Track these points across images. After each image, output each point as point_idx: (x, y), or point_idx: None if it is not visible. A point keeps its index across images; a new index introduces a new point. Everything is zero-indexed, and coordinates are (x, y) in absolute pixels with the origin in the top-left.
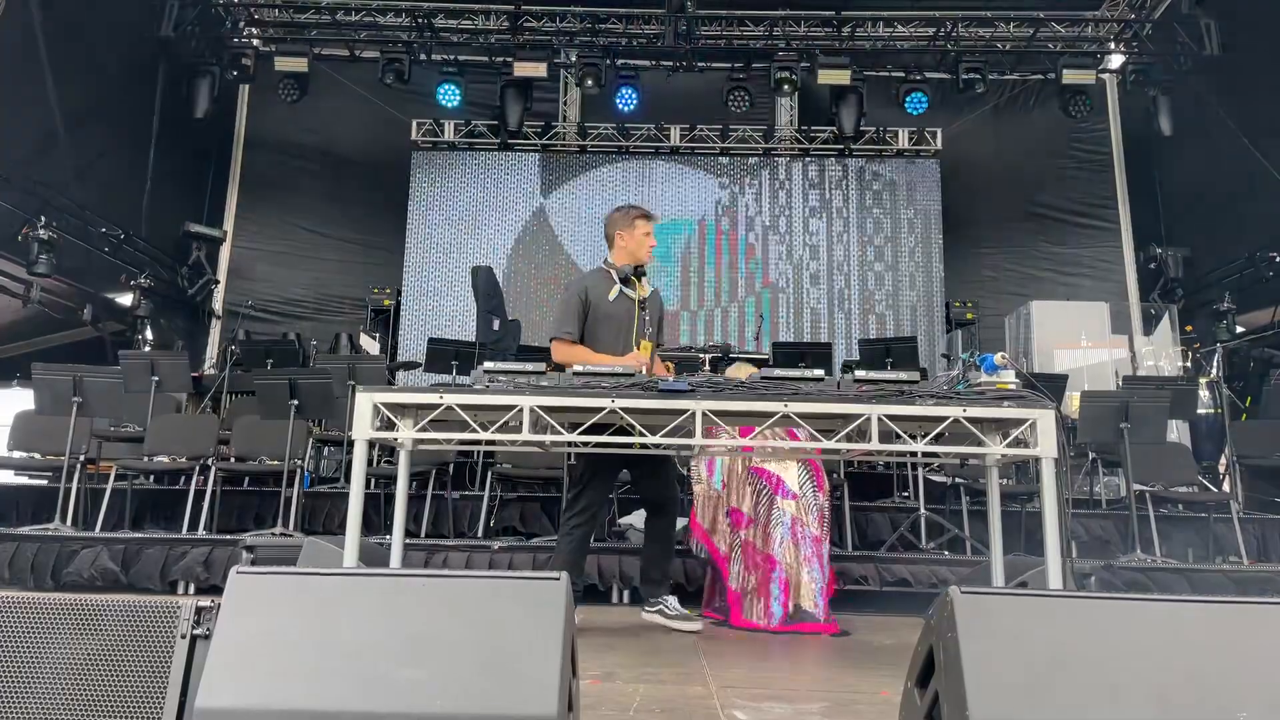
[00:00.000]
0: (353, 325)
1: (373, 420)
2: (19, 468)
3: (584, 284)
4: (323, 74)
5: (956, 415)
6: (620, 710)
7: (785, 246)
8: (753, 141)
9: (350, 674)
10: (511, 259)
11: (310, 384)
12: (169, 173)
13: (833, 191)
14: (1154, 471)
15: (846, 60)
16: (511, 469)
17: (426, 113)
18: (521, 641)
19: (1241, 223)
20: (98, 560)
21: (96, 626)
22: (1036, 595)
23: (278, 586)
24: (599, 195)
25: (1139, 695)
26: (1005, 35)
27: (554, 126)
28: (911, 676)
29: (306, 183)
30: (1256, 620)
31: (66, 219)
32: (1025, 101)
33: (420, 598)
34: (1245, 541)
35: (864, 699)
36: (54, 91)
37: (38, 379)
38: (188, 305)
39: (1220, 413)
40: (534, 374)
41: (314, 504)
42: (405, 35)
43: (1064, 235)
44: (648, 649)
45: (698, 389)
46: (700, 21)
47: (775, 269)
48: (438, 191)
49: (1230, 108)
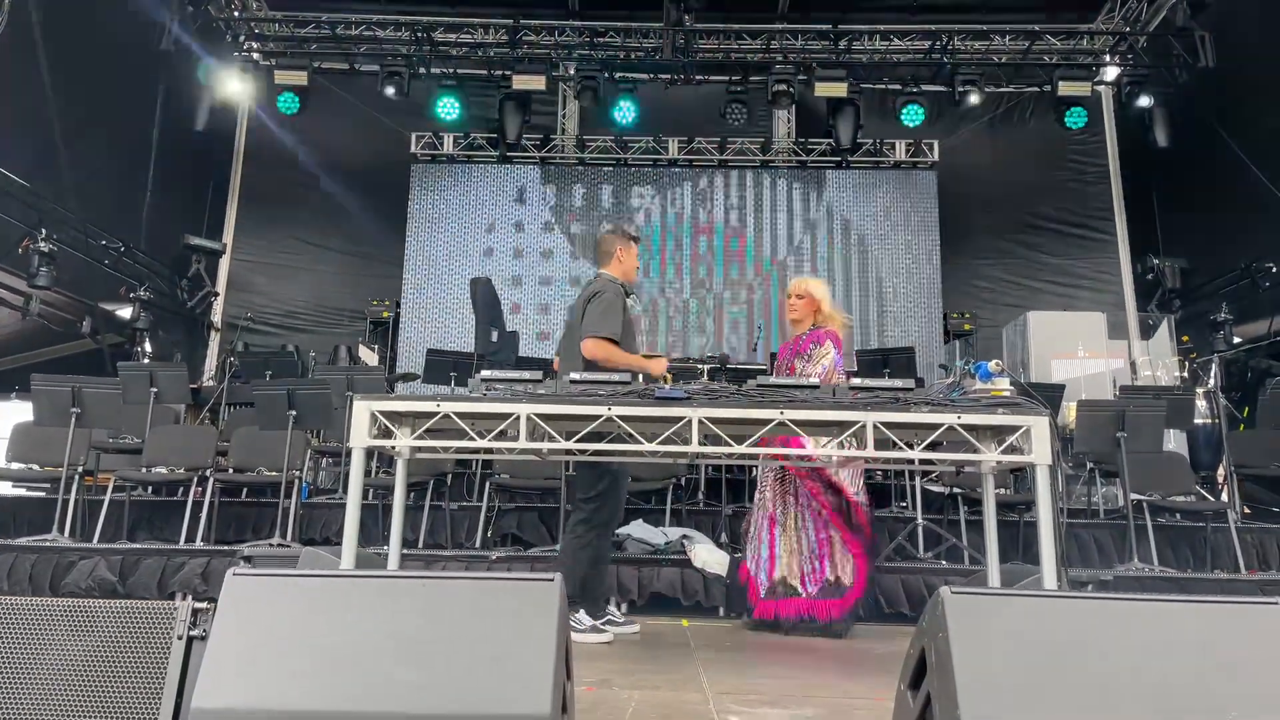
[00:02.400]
0: (352, 337)
1: (370, 428)
2: (17, 479)
3: (618, 290)
4: (322, 87)
5: (951, 422)
6: (616, 715)
7: (782, 258)
8: (750, 154)
9: (345, 675)
10: (510, 271)
11: (308, 394)
12: (168, 185)
13: (830, 204)
14: (1151, 481)
15: (843, 73)
16: (509, 479)
17: (425, 126)
18: (515, 642)
19: (1238, 234)
20: (95, 571)
21: (94, 628)
22: (1027, 595)
23: (273, 588)
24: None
25: (1130, 695)
26: (1001, 48)
27: (552, 139)
28: (904, 679)
29: (306, 195)
30: (1246, 620)
31: (66, 231)
32: (1021, 113)
33: (414, 599)
34: (1243, 551)
35: (859, 704)
36: (54, 104)
37: (36, 389)
38: (187, 318)
39: (1218, 423)
40: (531, 382)
41: (312, 515)
42: (404, 49)
43: (1061, 246)
44: (643, 656)
45: (694, 396)
46: (698, 35)
47: (773, 280)
48: (437, 204)
49: (1225, 119)
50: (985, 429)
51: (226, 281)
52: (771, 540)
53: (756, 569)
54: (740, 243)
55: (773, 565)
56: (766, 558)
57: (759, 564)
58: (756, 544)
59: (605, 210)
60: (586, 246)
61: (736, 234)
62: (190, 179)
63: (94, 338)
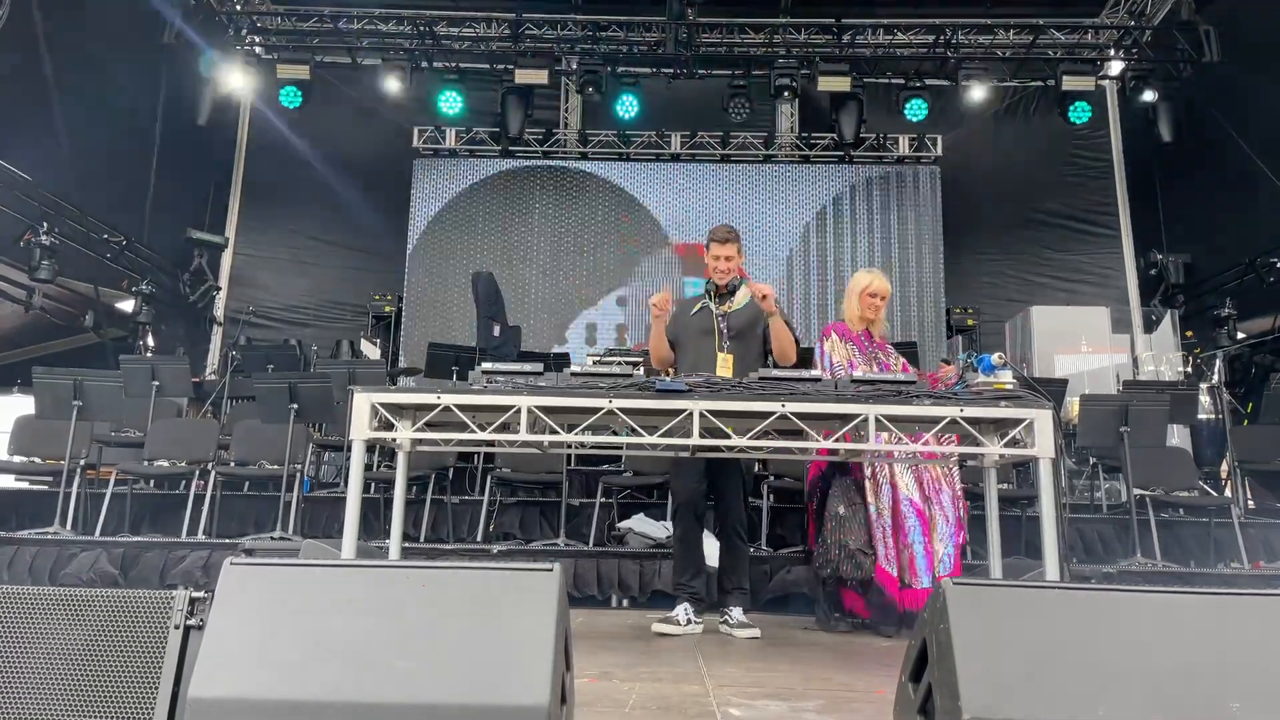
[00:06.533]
0: (354, 331)
1: (371, 421)
2: (19, 472)
3: (682, 299)
4: (325, 81)
5: (954, 415)
6: (616, 707)
7: (785, 252)
8: (753, 148)
9: (342, 664)
10: (513, 265)
11: (310, 388)
12: (171, 179)
13: (833, 198)
14: (1154, 476)
15: (846, 67)
16: (511, 473)
17: (428, 120)
18: (513, 632)
19: (1242, 228)
20: (97, 563)
21: (90, 617)
22: (1028, 586)
23: (270, 577)
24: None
25: (1131, 686)
26: (1005, 42)
27: (555, 134)
28: (906, 670)
29: (308, 189)
30: (1248, 611)
31: (69, 225)
32: (1025, 108)
33: (412, 589)
34: (1247, 545)
35: (860, 697)
36: (57, 98)
37: (38, 382)
38: (189, 311)
39: (1221, 418)
40: (532, 374)
41: (313, 509)
42: (407, 43)
43: (1065, 241)
44: (645, 649)
45: (695, 389)
46: (701, 29)
47: (775, 274)
48: (439, 198)
49: (1230, 113)
50: (988, 422)
51: (229, 275)
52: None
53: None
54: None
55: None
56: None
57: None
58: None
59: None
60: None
61: (740, 229)
62: (192, 173)
63: (96, 331)
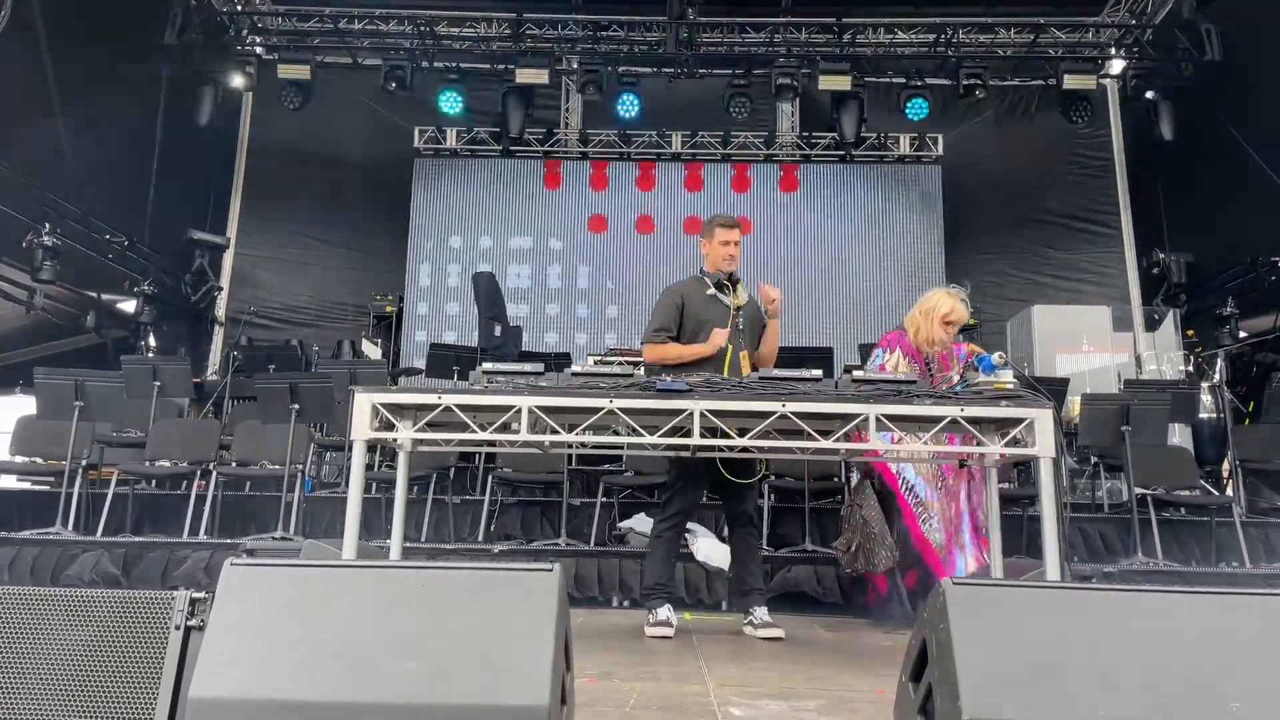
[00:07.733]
0: (355, 332)
1: (372, 421)
2: (21, 472)
3: (680, 290)
4: (325, 81)
5: (954, 415)
6: (617, 707)
7: (787, 251)
8: (754, 148)
9: (343, 664)
10: (514, 266)
11: (311, 387)
12: (172, 180)
13: (834, 197)
14: (1156, 475)
15: (847, 66)
16: (512, 473)
17: (429, 120)
18: (513, 632)
19: (1244, 228)
20: (98, 564)
21: (91, 618)
22: (1028, 586)
23: (271, 578)
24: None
25: (1132, 685)
26: (1006, 41)
27: (556, 133)
28: (906, 670)
29: (309, 189)
30: (1250, 611)
31: (70, 226)
32: (1026, 107)
33: (412, 589)
34: (1248, 545)
35: (860, 697)
36: (58, 99)
37: (40, 382)
38: (191, 312)
39: (1222, 417)
40: (532, 374)
41: (315, 509)
42: (407, 42)
43: (1066, 241)
44: (645, 649)
45: (695, 389)
46: (701, 28)
47: (777, 273)
48: (440, 198)
49: (1232, 113)
50: (988, 422)
51: (230, 276)
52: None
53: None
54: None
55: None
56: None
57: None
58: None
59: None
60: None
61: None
62: (194, 173)
63: (98, 332)
